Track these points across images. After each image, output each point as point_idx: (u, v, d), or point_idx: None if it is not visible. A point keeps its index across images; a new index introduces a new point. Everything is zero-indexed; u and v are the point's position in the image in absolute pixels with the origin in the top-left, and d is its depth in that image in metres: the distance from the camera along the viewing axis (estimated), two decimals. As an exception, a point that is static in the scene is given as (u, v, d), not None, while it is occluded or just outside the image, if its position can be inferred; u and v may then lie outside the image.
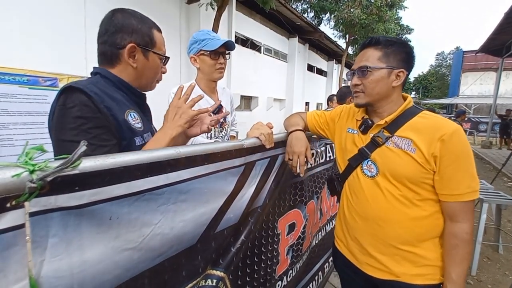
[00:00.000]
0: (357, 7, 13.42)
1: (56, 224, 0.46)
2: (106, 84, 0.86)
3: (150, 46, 0.93)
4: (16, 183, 0.40)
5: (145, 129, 0.93)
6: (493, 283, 2.48)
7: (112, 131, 0.79)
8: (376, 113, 1.04)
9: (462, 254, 0.91)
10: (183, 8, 7.74)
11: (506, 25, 6.97)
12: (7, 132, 2.69)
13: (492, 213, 3.27)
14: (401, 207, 0.95)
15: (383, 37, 0.98)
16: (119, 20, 0.88)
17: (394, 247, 0.98)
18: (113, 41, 0.88)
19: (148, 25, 0.93)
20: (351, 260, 1.12)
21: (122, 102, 0.87)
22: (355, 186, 1.07)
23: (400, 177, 0.94)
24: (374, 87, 0.97)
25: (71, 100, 0.75)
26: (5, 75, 2.69)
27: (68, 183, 0.46)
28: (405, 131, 0.95)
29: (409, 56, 0.97)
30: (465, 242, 0.91)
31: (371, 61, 0.96)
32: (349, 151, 1.09)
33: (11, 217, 0.41)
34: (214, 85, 1.58)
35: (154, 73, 0.99)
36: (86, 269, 0.51)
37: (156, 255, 0.65)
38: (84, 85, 0.77)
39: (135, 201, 0.58)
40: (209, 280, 0.83)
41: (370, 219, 1.01)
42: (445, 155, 0.87)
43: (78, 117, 0.73)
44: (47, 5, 4.79)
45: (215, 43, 1.42)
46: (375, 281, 1.05)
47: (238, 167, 0.89)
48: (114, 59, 0.90)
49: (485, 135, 12.55)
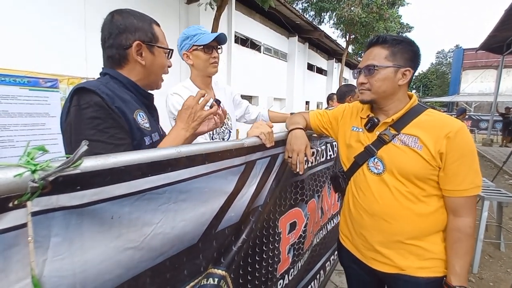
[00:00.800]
0: (357, 6, 13.39)
1: (58, 224, 0.47)
2: (115, 85, 0.88)
3: (154, 41, 0.95)
4: (18, 183, 0.40)
5: (152, 129, 0.94)
6: (494, 281, 2.48)
7: (126, 131, 0.81)
8: (382, 111, 1.05)
9: (465, 248, 0.93)
10: (183, 8, 7.74)
11: (507, 22, 6.96)
12: (8, 133, 2.70)
13: (493, 211, 3.26)
14: (408, 203, 0.97)
15: (390, 36, 0.99)
16: (120, 21, 0.89)
17: (400, 242, 1.00)
18: (119, 43, 0.89)
19: (148, 22, 0.95)
20: (356, 255, 1.14)
21: (131, 102, 0.89)
22: (361, 183, 1.08)
23: (407, 174, 0.95)
24: (380, 86, 0.98)
25: (85, 101, 0.76)
26: (5, 76, 2.70)
27: (70, 183, 0.46)
28: (411, 128, 0.97)
29: (416, 55, 0.98)
30: (468, 235, 0.93)
31: (377, 60, 0.97)
32: (355, 149, 1.10)
33: (13, 217, 0.41)
34: (209, 81, 1.55)
35: (161, 68, 1.01)
36: (88, 269, 0.52)
37: (158, 255, 0.66)
38: (96, 86, 0.79)
39: (136, 201, 0.58)
40: (211, 279, 0.83)
41: (376, 215, 1.02)
42: (450, 151, 0.89)
43: (94, 118, 0.75)
44: (46, 6, 4.80)
45: (208, 37, 1.40)
46: (380, 274, 1.07)
47: (239, 166, 0.89)
48: (122, 60, 0.92)
49: (486, 132, 12.53)
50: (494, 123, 12.69)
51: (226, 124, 1.56)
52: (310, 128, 1.32)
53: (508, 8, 6.31)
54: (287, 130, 1.20)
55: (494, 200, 2.79)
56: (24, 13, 4.54)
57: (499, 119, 12.05)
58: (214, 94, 1.55)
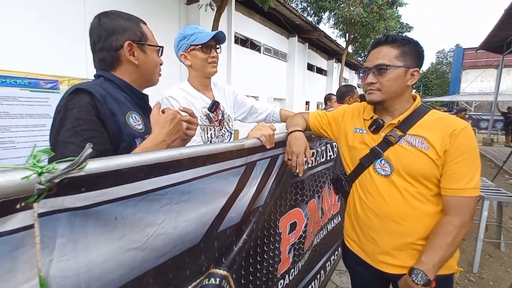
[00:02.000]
0: (358, 5, 13.40)
1: (63, 225, 0.48)
2: (110, 86, 0.89)
3: (144, 40, 0.95)
4: (25, 185, 0.41)
5: (146, 130, 0.93)
6: (494, 280, 2.48)
7: (106, 136, 0.79)
8: (387, 111, 1.05)
9: (441, 243, 0.91)
10: (182, 9, 7.75)
11: (507, 22, 6.96)
12: (9, 134, 2.71)
13: (493, 211, 3.27)
14: (418, 203, 0.97)
15: (399, 35, 0.99)
16: (108, 23, 0.90)
17: (411, 243, 0.99)
18: (109, 45, 0.90)
19: (135, 21, 0.95)
20: (364, 258, 1.13)
21: (124, 103, 0.89)
22: (368, 185, 1.07)
23: (416, 174, 0.95)
24: (391, 86, 0.96)
25: (73, 102, 0.77)
26: (6, 78, 2.71)
27: (75, 185, 0.47)
28: (418, 129, 0.97)
29: (422, 56, 0.98)
30: (448, 232, 0.91)
31: (388, 59, 0.96)
32: (359, 151, 1.10)
33: (20, 218, 0.42)
34: (208, 82, 1.50)
35: (154, 66, 1.01)
36: (92, 269, 0.53)
37: (160, 255, 0.67)
38: (89, 86, 0.80)
39: (139, 202, 0.59)
40: (212, 279, 0.84)
41: (386, 217, 1.02)
42: (451, 148, 0.90)
43: (75, 118, 0.75)
44: (46, 7, 4.81)
45: (206, 36, 1.34)
46: (388, 276, 1.07)
47: (239, 167, 0.90)
48: (115, 62, 0.92)
49: (486, 132, 12.53)
50: (494, 122, 12.68)
51: (227, 126, 1.52)
52: (310, 129, 1.32)
53: (508, 7, 6.33)
54: (287, 131, 1.21)
55: (494, 199, 2.79)
56: (24, 14, 4.55)
57: (500, 118, 12.04)
58: (213, 95, 1.50)
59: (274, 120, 1.69)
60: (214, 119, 1.44)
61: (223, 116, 1.51)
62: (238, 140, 0.92)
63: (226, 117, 1.53)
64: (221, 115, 1.49)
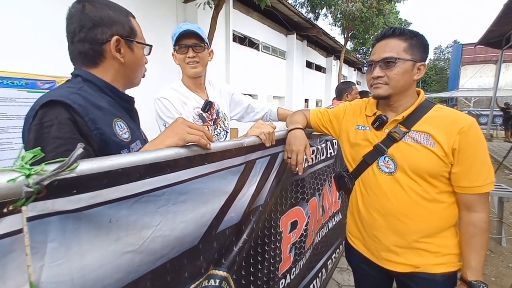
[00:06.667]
0: (357, 1, 13.34)
1: (54, 229, 0.46)
2: (90, 90, 0.77)
3: (133, 36, 0.86)
4: (12, 187, 0.39)
5: (132, 138, 0.84)
6: (496, 276, 2.48)
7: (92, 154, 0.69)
8: (391, 107, 1.02)
9: (481, 242, 0.92)
10: (180, 7, 7.69)
11: (505, 17, 6.93)
12: (6, 136, 2.70)
13: (494, 206, 3.26)
14: (422, 201, 0.95)
15: (406, 28, 0.96)
16: (94, 12, 0.78)
17: (415, 241, 0.98)
18: (93, 37, 0.78)
19: (124, 14, 0.85)
20: (368, 256, 1.12)
21: (108, 110, 0.78)
22: (371, 183, 1.05)
23: (421, 172, 0.94)
24: (399, 80, 0.93)
25: (48, 118, 0.65)
26: (3, 79, 2.69)
27: (65, 187, 0.46)
28: (423, 125, 0.95)
29: (427, 50, 0.97)
30: (483, 230, 0.92)
31: (396, 52, 0.92)
32: (362, 148, 1.08)
33: (8, 222, 0.40)
34: (201, 81, 1.46)
35: (140, 66, 0.92)
36: (86, 274, 0.51)
37: (158, 257, 0.65)
38: (65, 96, 0.68)
39: (134, 203, 0.57)
40: (212, 280, 0.82)
41: (390, 215, 1.01)
42: (463, 147, 0.88)
43: (56, 138, 0.64)
44: (44, 7, 4.77)
45: (176, 36, 1.30)
46: (393, 274, 1.06)
47: (238, 166, 0.88)
48: (97, 57, 0.81)
49: (486, 127, 12.52)
50: (493, 118, 12.67)
51: (222, 125, 1.51)
52: (310, 126, 1.31)
53: (507, 2, 6.29)
54: (287, 129, 1.19)
55: (495, 195, 2.79)
56: (21, 14, 4.51)
57: (499, 114, 12.04)
58: (208, 95, 1.48)
59: (272, 119, 1.67)
60: (208, 119, 1.43)
61: (218, 115, 1.49)
62: (237, 138, 0.90)
63: (221, 116, 1.51)
64: (216, 114, 1.48)
